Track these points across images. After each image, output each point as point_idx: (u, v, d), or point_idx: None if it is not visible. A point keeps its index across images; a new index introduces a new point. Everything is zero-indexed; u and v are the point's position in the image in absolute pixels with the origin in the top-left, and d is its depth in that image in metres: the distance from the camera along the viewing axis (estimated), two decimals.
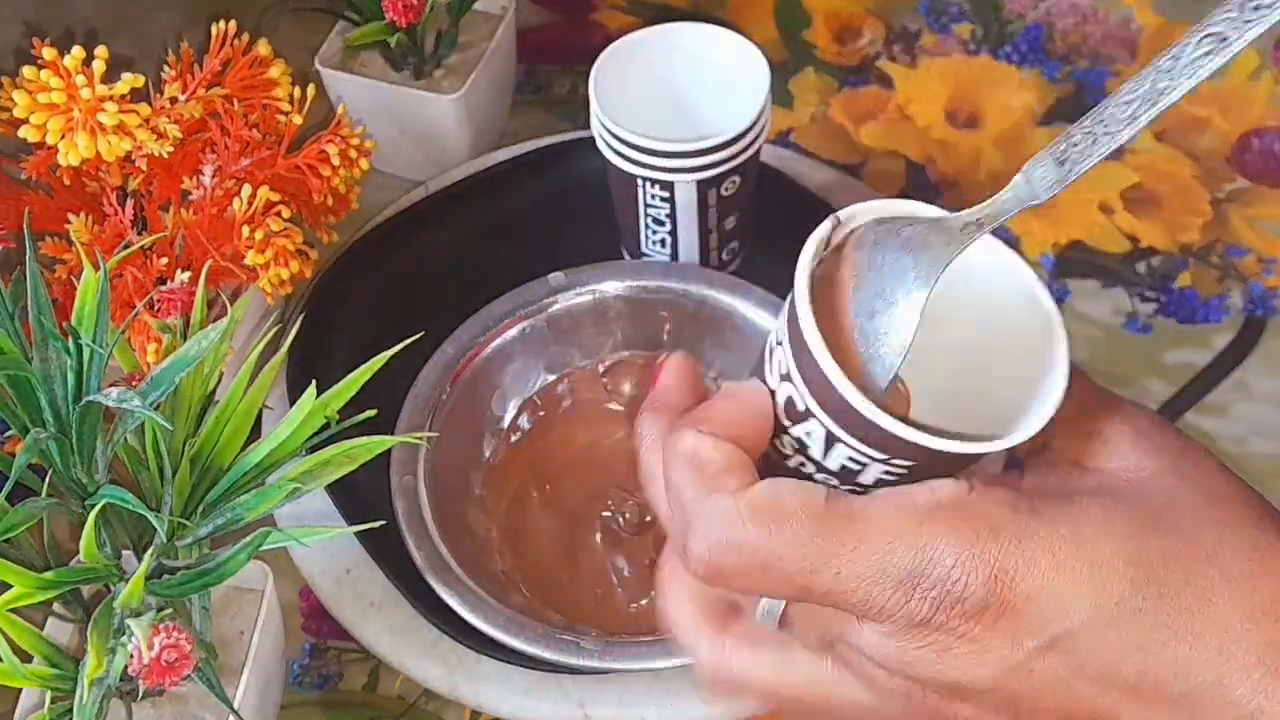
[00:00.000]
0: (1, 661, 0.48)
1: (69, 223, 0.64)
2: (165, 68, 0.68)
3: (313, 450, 0.53)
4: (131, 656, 0.49)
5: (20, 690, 0.57)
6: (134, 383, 0.53)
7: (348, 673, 0.65)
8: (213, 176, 0.66)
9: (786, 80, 0.87)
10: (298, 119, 0.69)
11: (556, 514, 0.66)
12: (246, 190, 0.64)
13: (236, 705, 0.55)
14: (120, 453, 0.51)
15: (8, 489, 0.48)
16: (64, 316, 0.51)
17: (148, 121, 0.60)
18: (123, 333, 0.52)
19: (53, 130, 0.58)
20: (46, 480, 0.50)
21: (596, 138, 0.66)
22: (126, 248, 0.62)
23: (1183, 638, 0.33)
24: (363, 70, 0.78)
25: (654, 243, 0.70)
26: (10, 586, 0.48)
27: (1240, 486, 0.36)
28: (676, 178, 0.65)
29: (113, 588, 0.51)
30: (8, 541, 0.49)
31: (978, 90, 0.86)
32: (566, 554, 0.65)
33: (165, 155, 0.62)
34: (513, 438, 0.68)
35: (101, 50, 0.59)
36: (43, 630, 0.53)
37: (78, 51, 0.58)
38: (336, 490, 0.62)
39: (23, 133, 0.59)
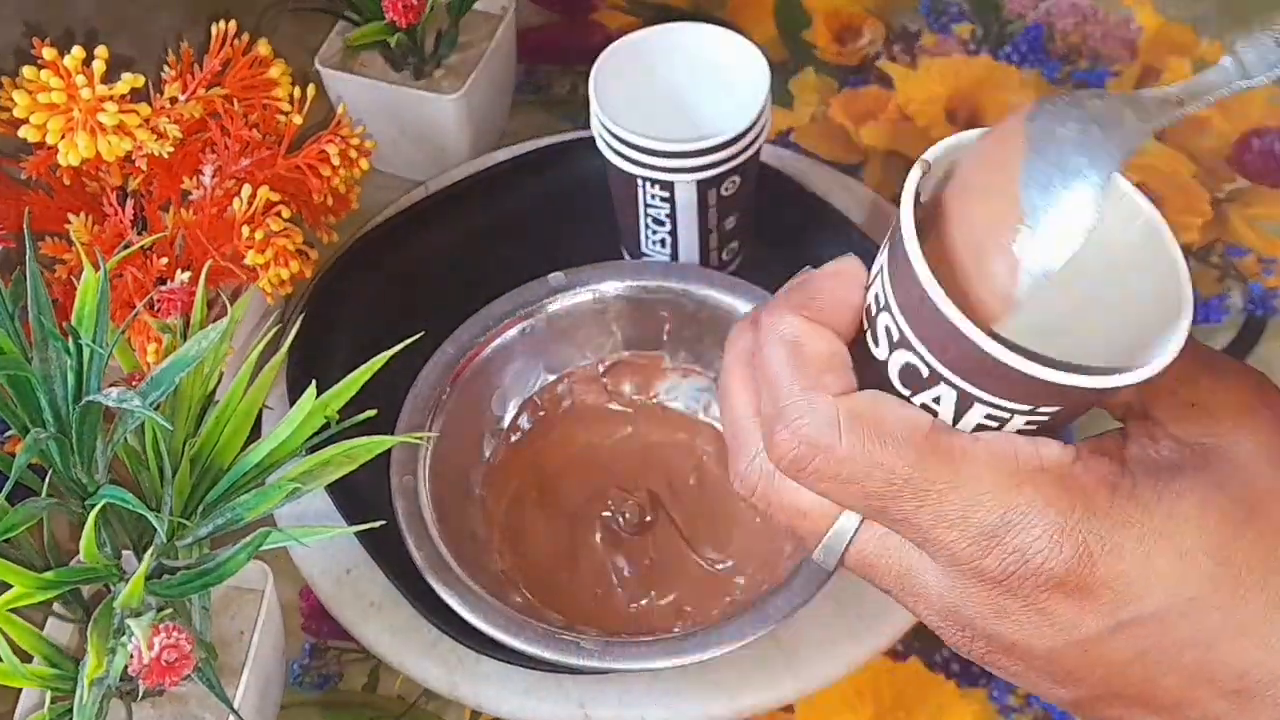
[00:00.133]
0: (1, 661, 0.48)
1: (69, 223, 0.64)
2: (165, 68, 0.68)
3: (313, 450, 0.53)
4: (131, 656, 0.49)
5: (20, 690, 0.57)
6: (134, 383, 0.53)
7: (348, 673, 0.65)
8: (213, 176, 0.66)
9: (786, 80, 0.87)
10: (298, 119, 0.69)
11: (556, 514, 0.66)
12: (246, 190, 0.64)
13: (236, 705, 0.55)
14: (120, 453, 0.51)
15: (8, 489, 0.48)
16: (64, 316, 0.51)
17: (148, 121, 0.60)
18: (123, 333, 0.52)
19: (53, 130, 0.58)
20: (46, 480, 0.50)
21: (596, 138, 0.66)
22: (126, 248, 0.62)
23: (1249, 637, 0.32)
24: (363, 70, 0.78)
25: (654, 243, 0.70)
26: (10, 586, 0.48)
27: None
28: (676, 178, 0.65)
29: (113, 588, 0.51)
30: (8, 541, 0.49)
31: (978, 90, 0.86)
32: (566, 554, 0.65)
33: (165, 155, 0.62)
34: (513, 438, 0.68)
35: (101, 50, 0.59)
36: (43, 630, 0.53)
37: (78, 51, 0.58)
38: (336, 490, 0.62)
39: (23, 133, 0.59)
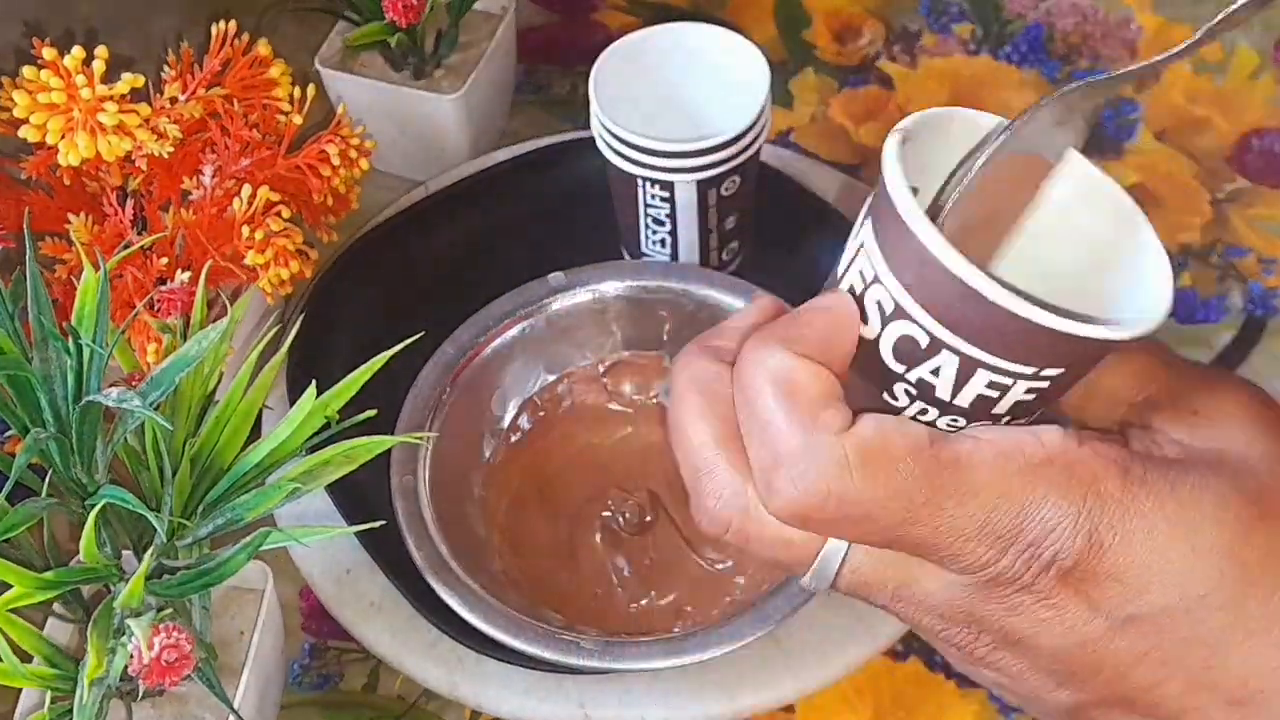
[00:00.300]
0: (1, 661, 0.48)
1: (69, 223, 0.64)
2: (165, 68, 0.68)
3: (313, 450, 0.53)
4: (131, 656, 0.49)
5: (20, 690, 0.57)
6: (134, 383, 0.53)
7: (348, 673, 0.65)
8: (213, 176, 0.66)
9: (786, 80, 0.87)
10: (298, 119, 0.69)
11: (556, 514, 0.66)
12: (246, 190, 0.64)
13: (236, 705, 0.55)
14: (120, 453, 0.51)
15: (8, 489, 0.48)
16: (64, 316, 0.51)
17: (148, 121, 0.60)
18: (123, 333, 0.52)
19: (53, 130, 0.58)
20: (46, 480, 0.50)
21: (596, 138, 0.66)
22: (126, 248, 0.62)
23: (1256, 642, 0.31)
24: (363, 70, 0.78)
25: (654, 243, 0.69)
26: (10, 586, 0.48)
27: None
28: (676, 178, 0.65)
29: (113, 588, 0.51)
30: (8, 541, 0.49)
31: (978, 90, 0.86)
32: (566, 554, 0.64)
33: (165, 155, 0.62)
34: (513, 438, 0.68)
35: (101, 50, 0.59)
36: (43, 630, 0.53)
37: (78, 51, 0.58)
38: (336, 490, 0.62)
39: (23, 133, 0.59)
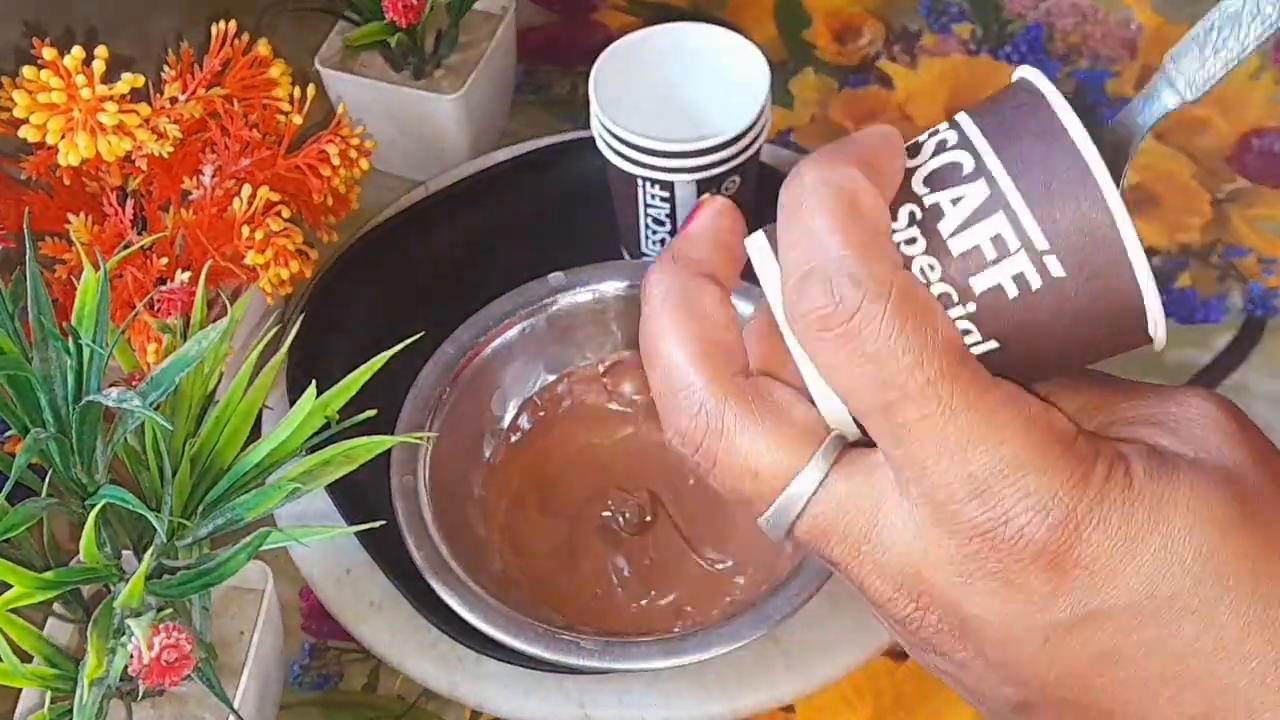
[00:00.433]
0: (1, 661, 0.48)
1: (69, 223, 0.64)
2: (165, 68, 0.68)
3: (313, 450, 0.53)
4: (131, 656, 0.49)
5: (20, 690, 0.57)
6: (134, 383, 0.53)
7: (347, 673, 0.65)
8: (213, 176, 0.66)
9: (786, 80, 0.87)
10: (298, 119, 0.69)
11: (556, 514, 0.66)
12: (246, 190, 0.64)
13: (236, 705, 0.55)
14: (120, 453, 0.51)
15: (8, 489, 0.48)
16: (64, 316, 0.51)
17: (148, 121, 0.60)
18: (123, 333, 0.52)
19: (53, 130, 0.58)
20: (46, 480, 0.50)
21: (596, 138, 0.66)
22: (126, 248, 0.62)
23: (1224, 656, 0.29)
24: (363, 70, 0.78)
25: (654, 243, 0.70)
26: (10, 586, 0.48)
27: None
28: (676, 178, 0.65)
29: (113, 588, 0.51)
30: (8, 541, 0.49)
31: (978, 90, 0.86)
32: (566, 554, 0.65)
33: (165, 155, 0.62)
34: (513, 438, 0.68)
35: (101, 50, 0.59)
36: (43, 630, 0.53)
37: (78, 51, 0.58)
38: (336, 490, 0.62)
39: (23, 133, 0.59)
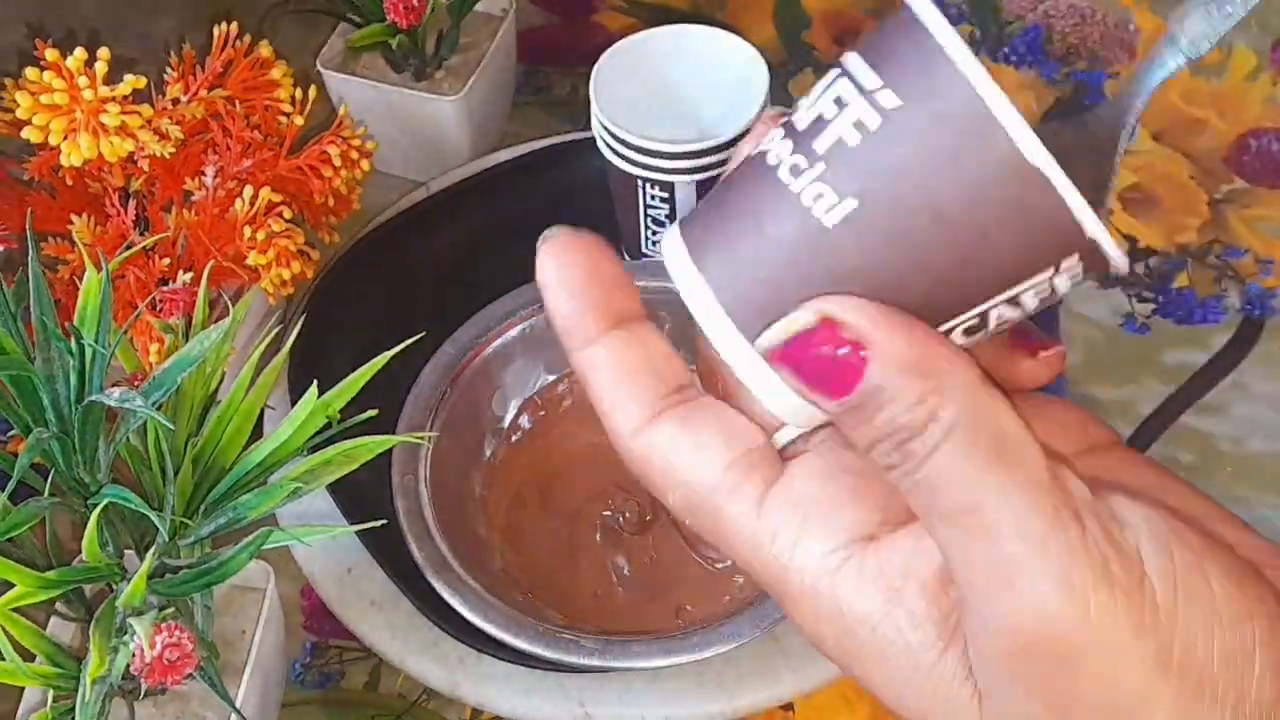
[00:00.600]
0: (4, 660, 0.48)
1: (71, 223, 0.64)
2: (167, 69, 0.69)
3: (314, 450, 0.53)
4: (134, 655, 0.49)
5: (23, 689, 0.57)
6: (136, 383, 0.53)
7: (349, 671, 0.66)
8: (214, 177, 0.66)
9: (786, 81, 0.87)
10: (299, 120, 0.69)
11: (556, 513, 0.66)
12: (248, 191, 0.64)
13: (238, 704, 0.55)
14: (122, 452, 0.51)
15: (10, 488, 0.48)
16: (66, 317, 0.51)
17: (150, 122, 0.60)
18: (125, 333, 0.52)
19: (55, 131, 0.58)
20: (49, 480, 0.50)
21: (596, 138, 0.67)
22: (129, 248, 0.62)
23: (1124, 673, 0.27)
24: (364, 72, 0.79)
25: (654, 243, 0.70)
26: (13, 586, 0.48)
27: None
28: (676, 178, 0.65)
29: (115, 587, 0.51)
30: (10, 541, 0.49)
31: None
32: (566, 553, 0.65)
33: (167, 156, 0.62)
34: (513, 437, 0.68)
35: (104, 52, 0.59)
36: (45, 629, 0.53)
37: (80, 53, 0.58)
38: (338, 490, 0.62)
39: (25, 134, 0.59)
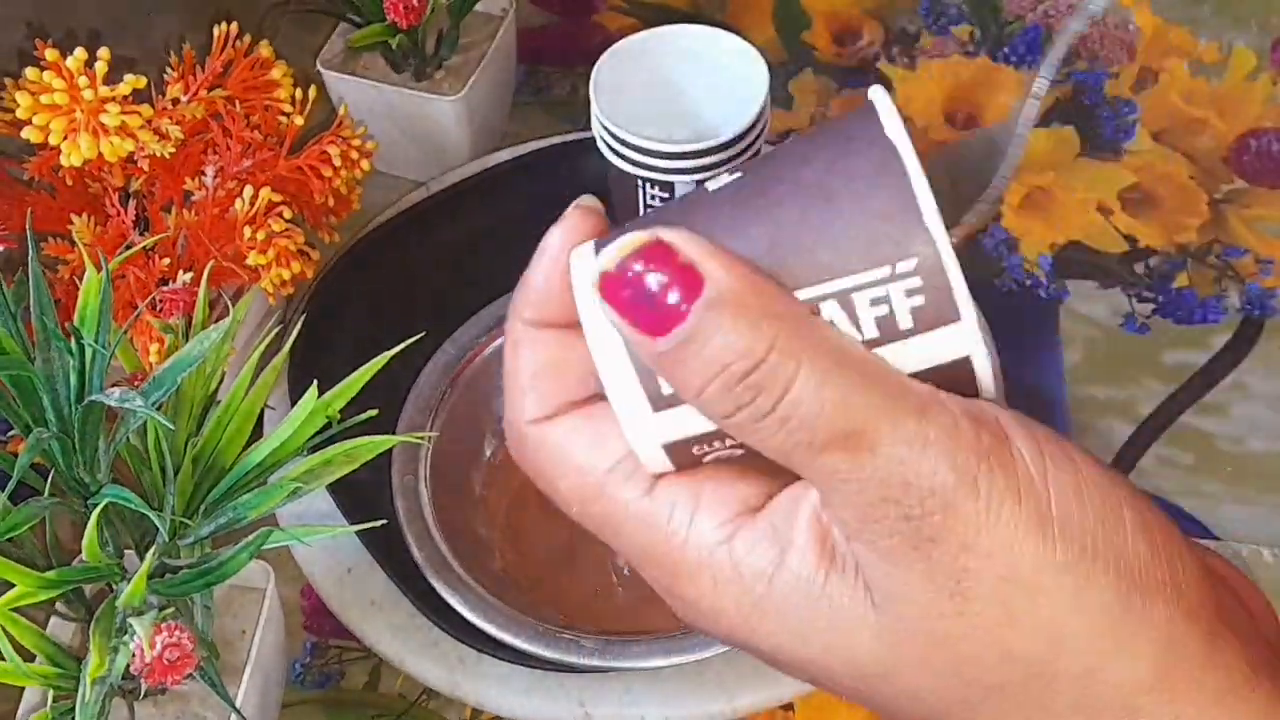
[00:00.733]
0: (4, 660, 0.48)
1: (71, 223, 0.64)
2: (167, 69, 0.69)
3: (314, 450, 0.53)
4: (134, 655, 0.49)
5: (23, 689, 0.57)
6: (136, 383, 0.53)
7: (349, 671, 0.66)
8: (214, 177, 0.66)
9: (786, 81, 0.87)
10: (299, 120, 0.69)
11: (557, 513, 0.65)
12: (248, 191, 0.64)
13: (238, 704, 0.55)
14: (122, 452, 0.51)
15: (10, 488, 0.48)
16: (66, 317, 0.51)
17: (150, 122, 0.60)
18: (125, 333, 0.52)
19: (55, 131, 0.58)
20: (49, 480, 0.50)
21: (596, 138, 0.67)
22: (129, 248, 0.62)
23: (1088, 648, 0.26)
24: (364, 72, 0.79)
25: None
26: (13, 586, 0.48)
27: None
28: (676, 178, 0.65)
29: (115, 587, 0.51)
30: (10, 541, 0.49)
31: (976, 92, 0.86)
32: (566, 554, 0.65)
33: (167, 156, 0.62)
34: None
35: (104, 52, 0.59)
36: (45, 629, 0.53)
37: (80, 53, 0.58)
38: (338, 489, 0.62)
39: (25, 134, 0.59)
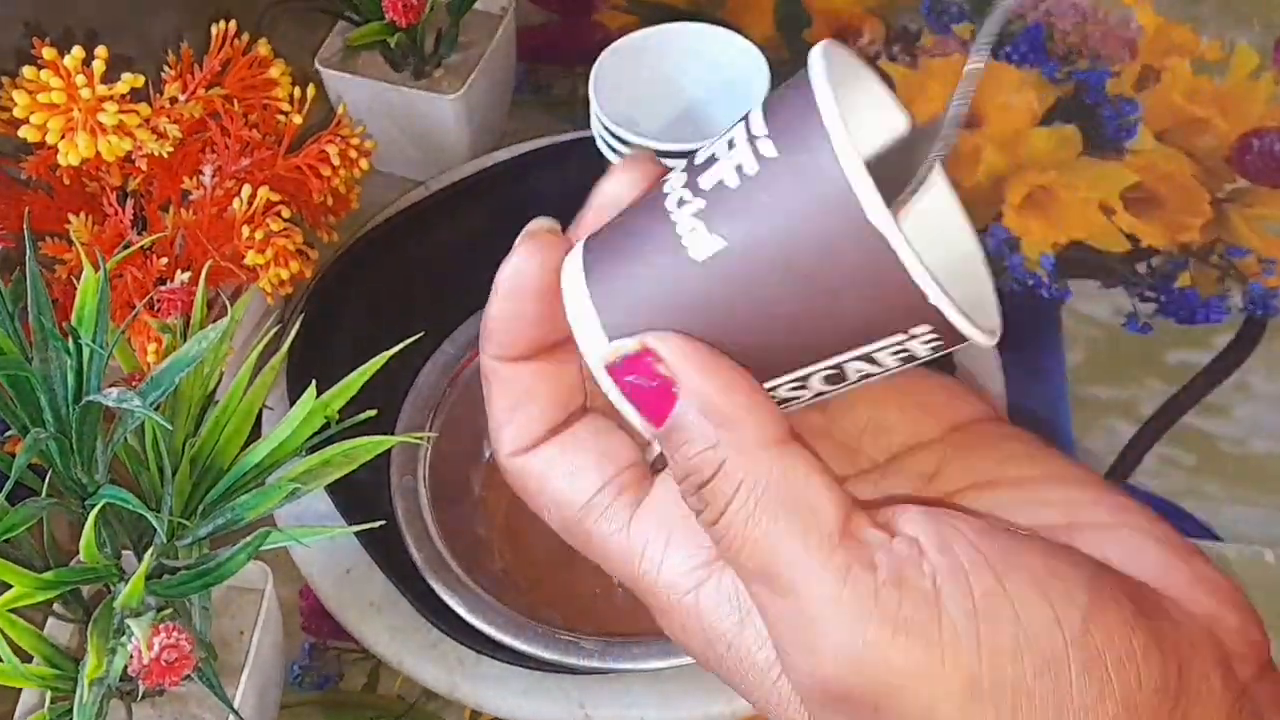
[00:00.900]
0: (2, 661, 0.48)
1: (69, 223, 0.64)
2: (165, 68, 0.69)
3: (313, 450, 0.53)
4: (131, 656, 0.49)
5: (20, 690, 0.57)
6: (134, 383, 0.53)
7: (348, 673, 0.65)
8: (213, 176, 0.66)
9: (786, 80, 0.87)
10: (298, 119, 0.69)
11: None
12: (246, 190, 0.64)
13: (236, 705, 0.55)
14: (120, 453, 0.51)
15: (8, 489, 0.48)
16: (64, 316, 0.51)
17: (148, 121, 0.60)
18: (123, 333, 0.52)
19: (53, 130, 0.58)
20: (46, 480, 0.50)
21: (596, 138, 0.66)
22: (126, 248, 0.62)
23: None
24: (363, 70, 0.78)
25: None
26: (10, 586, 0.48)
27: None
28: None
29: (113, 588, 0.51)
30: (8, 541, 0.49)
31: (977, 90, 0.86)
32: (566, 554, 0.64)
33: (165, 155, 0.62)
34: None
35: (101, 50, 0.59)
36: (43, 630, 0.53)
37: (78, 52, 0.58)
38: (336, 490, 0.62)
39: (23, 133, 0.59)
